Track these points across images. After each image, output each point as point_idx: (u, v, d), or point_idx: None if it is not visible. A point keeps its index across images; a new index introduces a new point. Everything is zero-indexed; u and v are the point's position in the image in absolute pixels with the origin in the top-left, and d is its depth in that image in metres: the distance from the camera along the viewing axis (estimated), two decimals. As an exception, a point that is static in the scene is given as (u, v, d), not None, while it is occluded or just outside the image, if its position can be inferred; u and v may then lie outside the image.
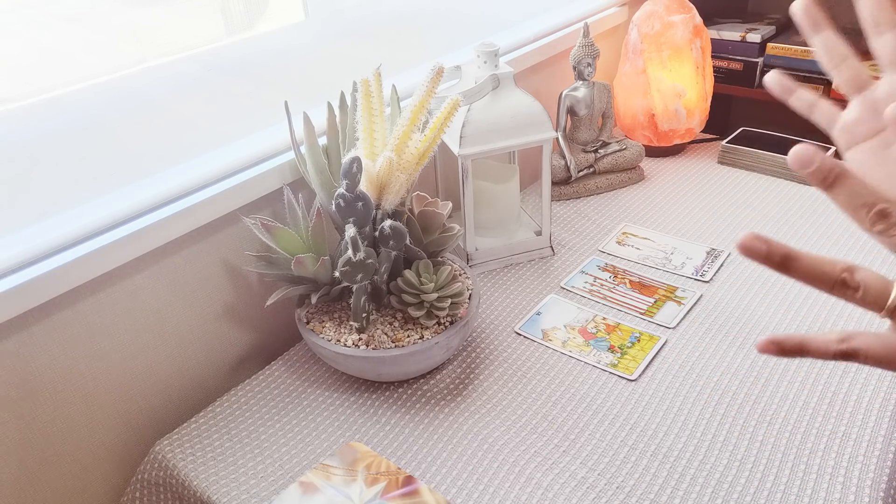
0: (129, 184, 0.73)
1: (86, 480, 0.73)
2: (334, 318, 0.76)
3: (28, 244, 0.63)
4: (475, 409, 0.72)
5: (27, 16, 0.64)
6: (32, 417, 0.66)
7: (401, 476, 0.64)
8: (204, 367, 0.81)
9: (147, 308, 0.73)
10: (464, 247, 0.94)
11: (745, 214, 1.04)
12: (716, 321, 0.83)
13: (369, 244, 0.70)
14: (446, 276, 0.74)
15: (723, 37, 1.48)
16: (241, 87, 0.83)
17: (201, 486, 0.66)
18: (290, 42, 0.88)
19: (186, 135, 0.79)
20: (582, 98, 1.10)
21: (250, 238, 0.81)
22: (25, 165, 0.66)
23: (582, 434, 0.69)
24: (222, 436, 0.71)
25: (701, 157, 1.24)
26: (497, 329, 0.84)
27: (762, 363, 0.76)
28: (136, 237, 0.68)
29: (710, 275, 0.91)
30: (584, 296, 0.89)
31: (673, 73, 1.16)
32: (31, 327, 0.64)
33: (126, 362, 0.73)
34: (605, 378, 0.75)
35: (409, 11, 1.05)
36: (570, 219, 1.07)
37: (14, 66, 0.64)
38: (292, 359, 0.82)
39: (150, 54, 0.74)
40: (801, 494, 0.61)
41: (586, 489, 0.63)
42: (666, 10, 1.15)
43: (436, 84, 0.70)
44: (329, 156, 0.79)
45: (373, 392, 0.76)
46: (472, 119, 0.86)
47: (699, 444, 0.67)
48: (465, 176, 0.87)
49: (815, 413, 0.69)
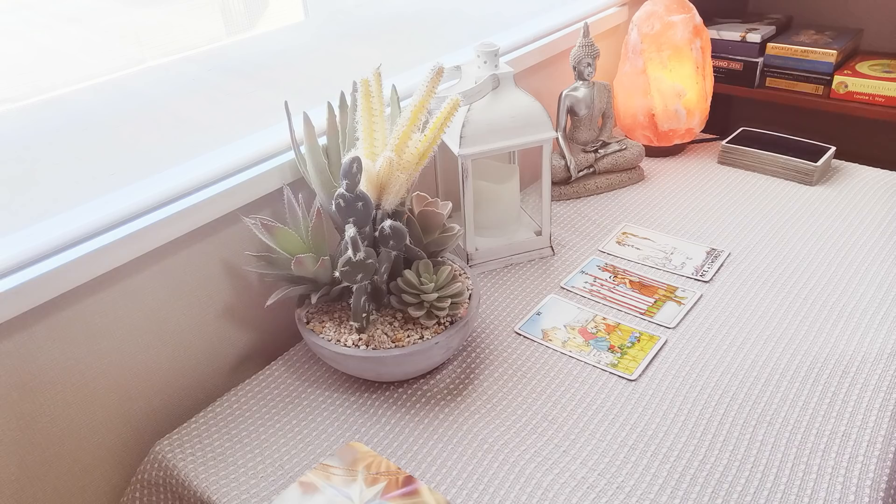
0: (129, 184, 0.73)
1: (86, 480, 0.73)
2: (334, 318, 0.76)
3: (28, 244, 0.63)
4: (475, 409, 0.72)
5: (27, 16, 0.64)
6: (32, 417, 0.66)
7: (401, 476, 0.64)
8: (204, 367, 0.81)
9: (147, 308, 0.73)
10: (464, 247, 0.94)
11: (745, 214, 1.04)
12: (716, 321, 0.83)
13: (369, 244, 0.70)
14: (446, 276, 0.74)
15: (723, 37, 1.48)
16: (241, 87, 0.83)
17: (201, 487, 0.66)
18: (290, 42, 0.88)
19: (186, 135, 0.79)
20: (582, 98, 1.10)
21: (250, 238, 0.81)
22: (25, 165, 0.66)
23: (582, 434, 0.69)
24: (222, 436, 0.71)
25: (701, 157, 1.24)
26: (497, 329, 0.84)
27: (762, 363, 0.76)
28: (136, 237, 0.68)
29: (710, 275, 0.91)
30: (584, 296, 0.89)
31: (673, 73, 1.16)
32: (31, 327, 0.64)
33: (126, 362, 0.73)
34: (605, 378, 0.75)
35: (409, 11, 1.05)
36: (570, 219, 1.07)
37: (14, 66, 0.64)
38: (292, 359, 0.82)
39: (150, 54, 0.74)
40: (801, 494, 0.61)
41: (586, 489, 0.63)
42: (666, 10, 1.15)
43: (436, 84, 0.70)
44: (329, 156, 0.79)
45: (373, 392, 0.76)
46: (472, 119, 0.86)
47: (699, 444, 0.67)
48: (465, 176, 0.88)
49: (815, 413, 0.69)
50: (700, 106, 1.20)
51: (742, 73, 1.50)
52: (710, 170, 1.19)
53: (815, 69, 1.41)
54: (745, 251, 0.96)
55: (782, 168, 1.14)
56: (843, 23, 1.69)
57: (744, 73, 1.50)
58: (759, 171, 1.17)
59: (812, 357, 0.76)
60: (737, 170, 1.18)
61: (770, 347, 0.78)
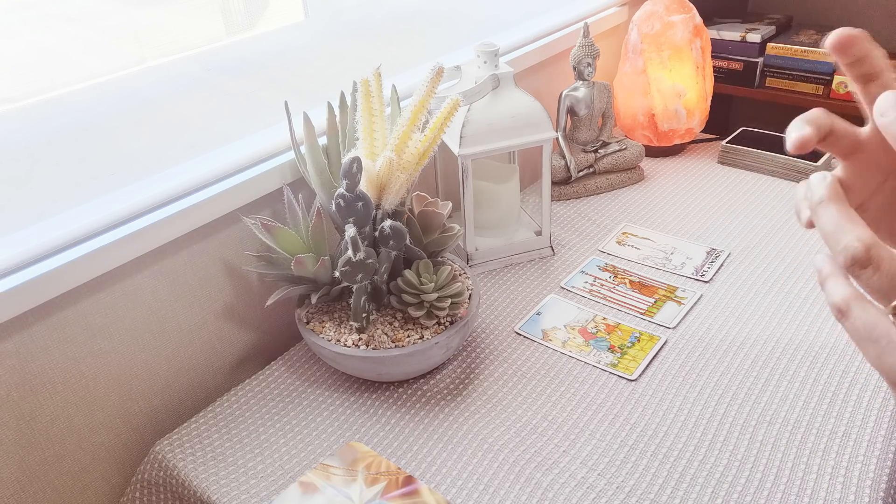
0: (129, 184, 0.73)
1: (86, 480, 0.73)
2: (334, 318, 0.76)
3: (28, 244, 0.63)
4: (475, 409, 0.72)
5: (27, 16, 0.64)
6: (32, 417, 0.66)
7: (401, 476, 0.64)
8: (204, 367, 0.81)
9: (147, 308, 0.73)
10: (464, 247, 0.94)
11: (745, 214, 1.04)
12: (716, 321, 0.83)
13: (369, 244, 0.70)
14: (446, 276, 0.74)
15: (723, 37, 1.48)
16: (240, 87, 0.83)
17: (201, 486, 0.66)
18: (290, 42, 0.88)
19: (186, 135, 0.79)
20: (582, 98, 1.10)
21: (250, 238, 0.81)
22: (25, 165, 0.66)
23: (582, 434, 0.69)
24: (222, 436, 0.71)
25: (701, 157, 1.24)
26: (497, 329, 0.84)
27: (762, 363, 0.76)
28: (136, 237, 0.68)
29: (710, 275, 0.91)
30: (584, 296, 0.89)
31: (673, 73, 1.16)
32: (31, 327, 0.64)
33: (126, 362, 0.73)
34: (605, 378, 0.75)
35: (409, 11, 1.05)
36: (570, 219, 1.07)
37: (14, 66, 0.64)
38: (292, 359, 0.82)
39: (150, 54, 0.74)
40: (801, 494, 0.61)
41: (586, 489, 0.63)
42: (666, 10, 1.15)
43: (436, 84, 0.70)
44: (329, 156, 0.79)
45: (373, 392, 0.76)
46: (472, 119, 0.86)
47: (699, 444, 0.67)
48: (465, 176, 0.87)
49: (815, 413, 0.69)
50: (700, 106, 1.20)
51: (742, 73, 1.50)
52: (710, 170, 1.19)
53: (815, 69, 1.41)
54: (745, 251, 0.96)
55: (782, 168, 1.14)
56: (843, 23, 1.69)
57: (744, 73, 1.50)
58: (759, 171, 1.17)
59: (812, 357, 0.76)
60: (737, 170, 1.18)
61: (770, 347, 0.78)
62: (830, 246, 0.30)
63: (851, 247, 0.29)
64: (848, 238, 0.29)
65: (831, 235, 0.30)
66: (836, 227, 0.30)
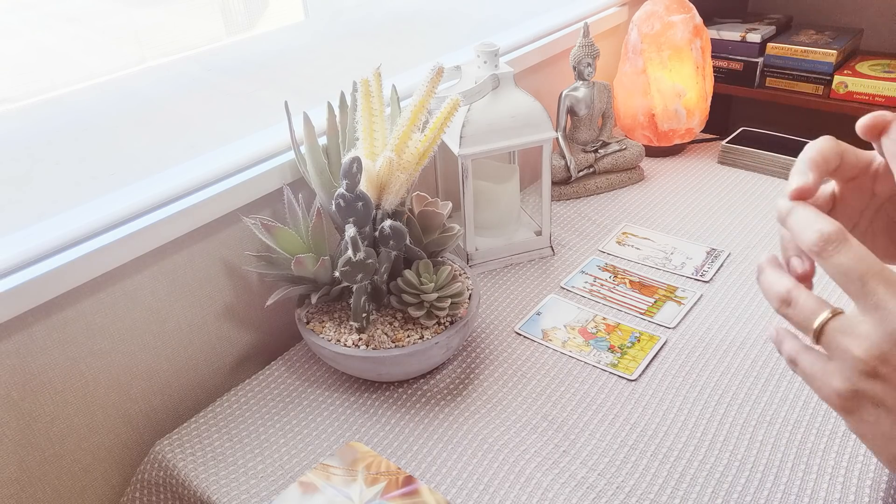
0: (129, 184, 0.73)
1: (86, 480, 0.73)
2: (334, 318, 0.76)
3: (28, 244, 0.63)
4: (475, 409, 0.72)
5: (27, 16, 0.64)
6: (32, 417, 0.66)
7: (401, 476, 0.64)
8: (204, 367, 0.81)
9: (147, 308, 0.73)
10: (464, 247, 0.94)
11: (745, 214, 1.04)
12: (716, 321, 0.83)
13: (369, 244, 0.70)
14: (446, 276, 0.74)
15: (723, 37, 1.48)
16: (240, 86, 0.83)
17: (201, 486, 0.66)
18: (290, 42, 0.88)
19: (186, 135, 0.79)
20: (582, 98, 1.10)
21: (250, 238, 0.81)
22: (26, 165, 0.66)
23: (582, 434, 0.69)
24: (222, 436, 0.71)
25: (701, 157, 1.24)
26: (497, 329, 0.84)
27: (762, 363, 0.76)
28: (136, 237, 0.68)
29: (710, 275, 0.91)
30: (584, 296, 0.89)
31: (673, 73, 1.16)
32: (31, 327, 0.64)
33: (126, 362, 0.73)
34: (605, 378, 0.75)
35: (409, 11, 1.05)
36: (570, 219, 1.07)
37: (14, 66, 0.64)
38: (292, 359, 0.82)
39: (150, 54, 0.74)
40: (801, 494, 0.61)
41: (586, 489, 0.63)
42: (666, 10, 1.15)
43: (436, 84, 0.70)
44: (329, 156, 0.79)
45: (373, 392, 0.76)
46: (472, 119, 0.86)
47: (699, 444, 0.67)
48: (465, 176, 0.87)
49: (815, 413, 0.69)
50: (700, 106, 1.20)
51: (742, 73, 1.50)
52: (710, 170, 1.19)
53: (815, 69, 1.41)
54: (745, 251, 0.96)
55: (782, 168, 1.14)
56: (843, 23, 1.69)
57: (744, 73, 1.50)
58: (759, 171, 1.17)
59: (812, 357, 0.76)
60: (737, 170, 1.18)
61: (770, 347, 0.78)
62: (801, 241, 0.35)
63: (825, 231, 0.33)
64: (819, 225, 0.34)
65: (801, 232, 0.34)
66: (804, 223, 0.34)
